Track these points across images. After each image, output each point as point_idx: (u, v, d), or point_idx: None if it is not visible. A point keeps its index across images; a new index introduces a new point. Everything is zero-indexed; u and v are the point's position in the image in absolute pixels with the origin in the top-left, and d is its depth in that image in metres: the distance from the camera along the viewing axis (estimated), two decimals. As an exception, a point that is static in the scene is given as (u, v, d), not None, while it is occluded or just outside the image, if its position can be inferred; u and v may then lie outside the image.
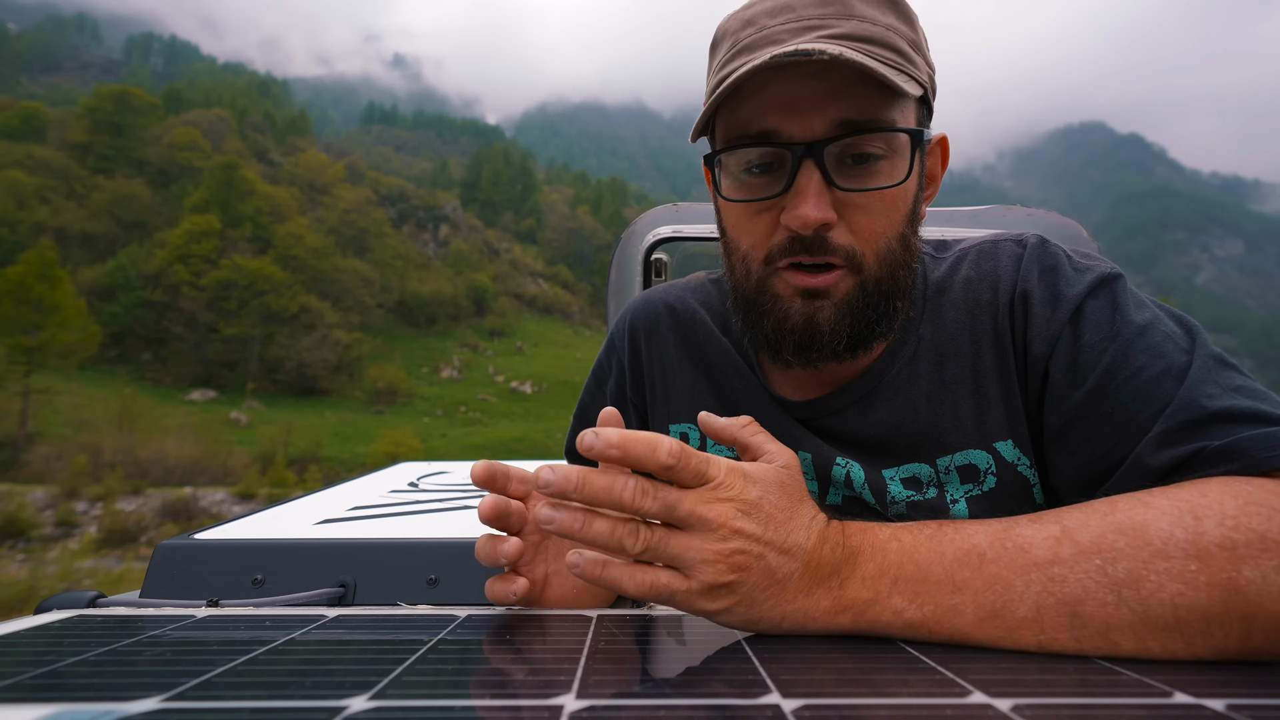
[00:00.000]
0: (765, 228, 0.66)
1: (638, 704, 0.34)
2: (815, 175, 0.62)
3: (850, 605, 0.49)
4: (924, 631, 0.48)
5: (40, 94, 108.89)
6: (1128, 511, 0.49)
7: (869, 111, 0.62)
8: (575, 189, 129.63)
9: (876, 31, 0.63)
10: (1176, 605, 0.45)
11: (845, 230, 0.64)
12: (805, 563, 0.49)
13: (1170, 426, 0.57)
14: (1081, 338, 0.64)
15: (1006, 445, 0.69)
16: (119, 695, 0.35)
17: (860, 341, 0.68)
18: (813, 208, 0.62)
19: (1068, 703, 0.34)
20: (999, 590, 0.47)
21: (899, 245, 0.67)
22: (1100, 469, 0.62)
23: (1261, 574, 0.45)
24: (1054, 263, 0.69)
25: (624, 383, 0.91)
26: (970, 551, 0.49)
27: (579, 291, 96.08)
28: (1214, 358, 0.61)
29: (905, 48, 0.64)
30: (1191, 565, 0.45)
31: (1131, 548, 0.46)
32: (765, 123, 0.64)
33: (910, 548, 0.50)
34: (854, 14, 0.63)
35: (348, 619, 0.55)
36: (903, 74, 0.63)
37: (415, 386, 60.88)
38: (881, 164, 0.64)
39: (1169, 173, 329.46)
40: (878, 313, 0.67)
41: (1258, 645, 0.44)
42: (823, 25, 0.63)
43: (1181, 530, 0.46)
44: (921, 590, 0.48)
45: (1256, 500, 0.48)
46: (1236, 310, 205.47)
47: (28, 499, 24.29)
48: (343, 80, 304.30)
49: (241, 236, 63.05)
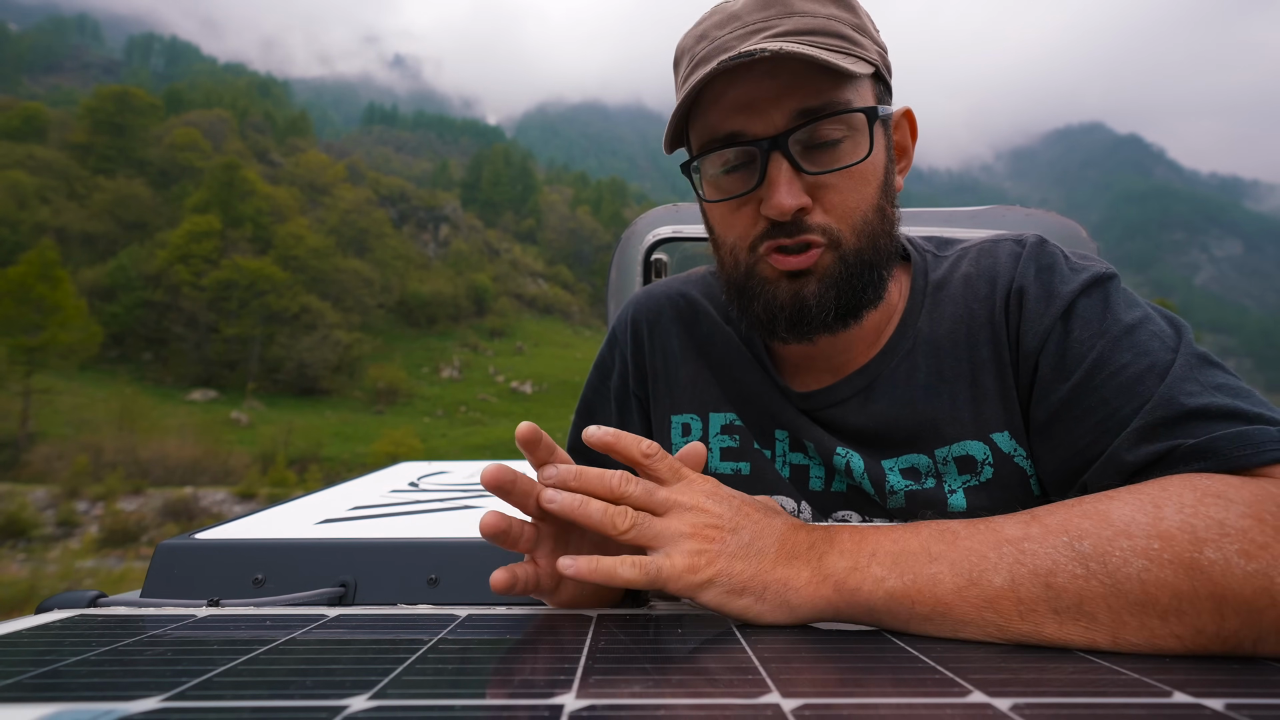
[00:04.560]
0: (747, 220, 0.70)
1: (638, 704, 0.34)
2: (784, 165, 0.66)
3: (830, 574, 0.51)
4: (906, 603, 0.49)
5: (41, 94, 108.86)
6: (1092, 502, 0.52)
7: (823, 97, 0.66)
8: (575, 189, 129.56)
9: (818, 23, 0.67)
10: (1144, 580, 0.46)
11: (820, 211, 0.68)
12: (779, 540, 0.53)
13: (1148, 423, 0.59)
14: (1071, 334, 0.66)
15: (1003, 437, 0.70)
16: (119, 695, 0.35)
17: (849, 311, 0.71)
18: (786, 195, 0.65)
19: (1067, 702, 0.34)
20: (974, 560, 0.49)
21: (875, 216, 0.70)
22: (1080, 462, 0.64)
23: (1224, 556, 0.46)
24: (1051, 261, 0.71)
25: (627, 376, 0.91)
26: (944, 530, 0.53)
27: (579, 291, 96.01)
28: (1198, 356, 0.62)
29: (849, 32, 0.68)
30: (1154, 544, 0.47)
31: (1095, 528, 0.49)
32: (730, 125, 0.68)
33: (885, 530, 0.54)
34: (794, 11, 0.67)
35: (348, 619, 0.55)
36: (849, 56, 0.67)
37: (415, 386, 60.84)
38: (844, 144, 0.67)
39: (1168, 173, 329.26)
40: (862, 281, 0.70)
41: (1235, 630, 0.45)
42: (766, 27, 0.67)
43: (1142, 515, 0.49)
44: (900, 560, 0.51)
45: (1215, 492, 0.50)
46: (1235, 310, 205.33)
47: (28, 499, 24.26)
48: (343, 81, 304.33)
49: (242, 237, 63.01)
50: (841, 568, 0.51)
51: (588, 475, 0.54)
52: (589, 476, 0.54)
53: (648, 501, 0.54)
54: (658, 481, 0.56)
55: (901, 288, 0.78)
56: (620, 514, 0.52)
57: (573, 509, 0.53)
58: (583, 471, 0.55)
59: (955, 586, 0.49)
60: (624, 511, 0.53)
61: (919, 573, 0.50)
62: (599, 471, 0.55)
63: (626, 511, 0.53)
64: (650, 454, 0.56)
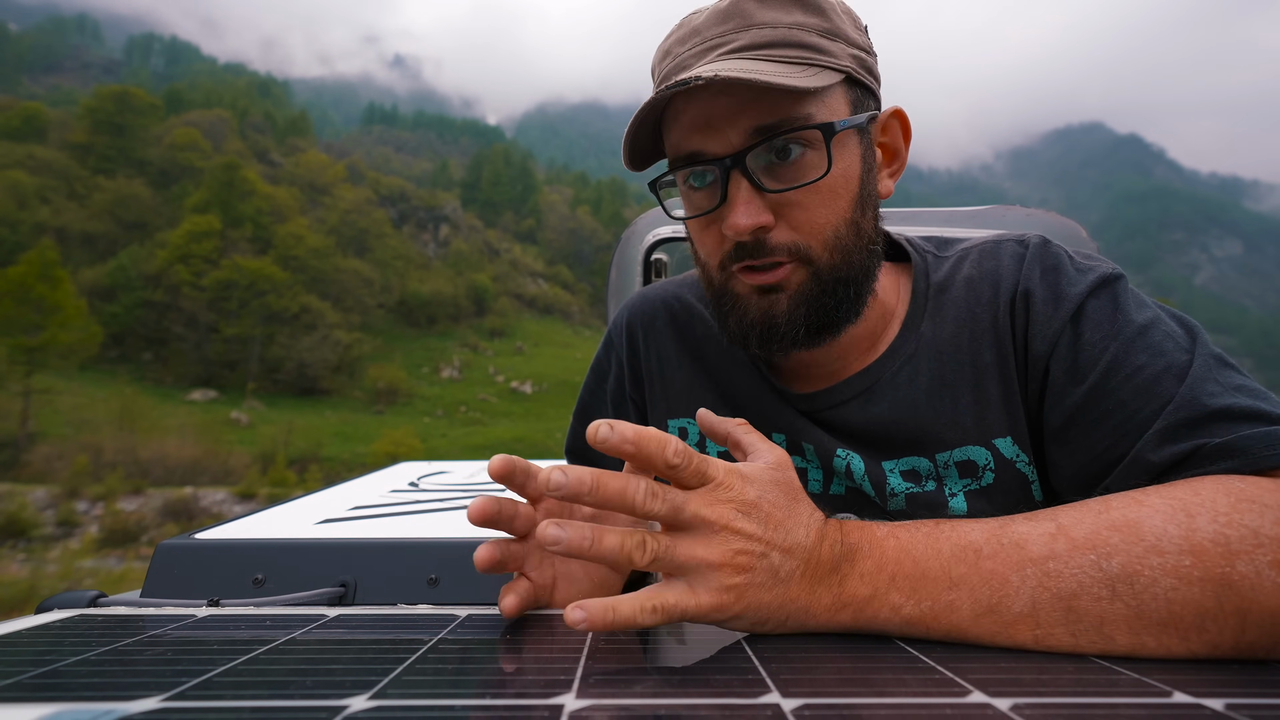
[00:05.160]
0: (715, 238, 0.69)
1: (638, 704, 0.34)
2: (743, 184, 0.65)
3: (850, 602, 0.49)
4: (921, 628, 0.49)
5: (41, 94, 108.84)
6: (1122, 509, 0.49)
7: (778, 114, 0.64)
8: (575, 189, 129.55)
9: (778, 34, 0.65)
10: (1170, 600, 0.45)
11: (786, 228, 0.66)
12: (806, 560, 0.49)
13: (1171, 424, 0.58)
14: (1082, 336, 0.65)
15: (1005, 442, 0.69)
16: (119, 695, 0.35)
17: (822, 329, 0.69)
18: (742, 216, 0.64)
19: (1067, 702, 0.34)
20: (995, 586, 0.48)
21: (848, 230, 0.68)
22: (1100, 466, 0.62)
23: (1255, 569, 0.45)
24: (1056, 263, 0.70)
25: (623, 379, 0.91)
26: (967, 548, 0.50)
27: (579, 291, 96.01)
28: (1215, 357, 0.61)
29: (814, 40, 0.66)
30: (1185, 560, 0.46)
31: (1126, 543, 0.47)
32: (690, 144, 0.67)
33: (907, 544, 0.51)
34: (754, 23, 0.65)
35: (348, 619, 0.55)
36: (809, 68, 0.64)
37: (415, 386, 60.84)
38: (808, 158, 0.65)
39: (1168, 173, 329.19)
40: (835, 299, 0.68)
41: (1252, 640, 0.45)
42: (723, 42, 0.65)
43: (1175, 527, 0.47)
44: (919, 586, 0.49)
45: (1249, 497, 0.48)
46: (1235, 310, 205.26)
47: (29, 499, 24.27)
48: (343, 81, 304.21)
49: (242, 237, 63.03)
50: (861, 595, 0.49)
51: (608, 487, 0.46)
52: (609, 489, 0.46)
53: (674, 519, 0.47)
54: (682, 486, 0.48)
55: (901, 290, 0.77)
56: (639, 547, 0.46)
57: (584, 549, 0.45)
58: (600, 480, 0.46)
59: (973, 615, 0.48)
60: (642, 544, 0.46)
61: (937, 599, 0.48)
62: (620, 481, 0.46)
63: (645, 543, 0.46)
64: (676, 464, 0.47)
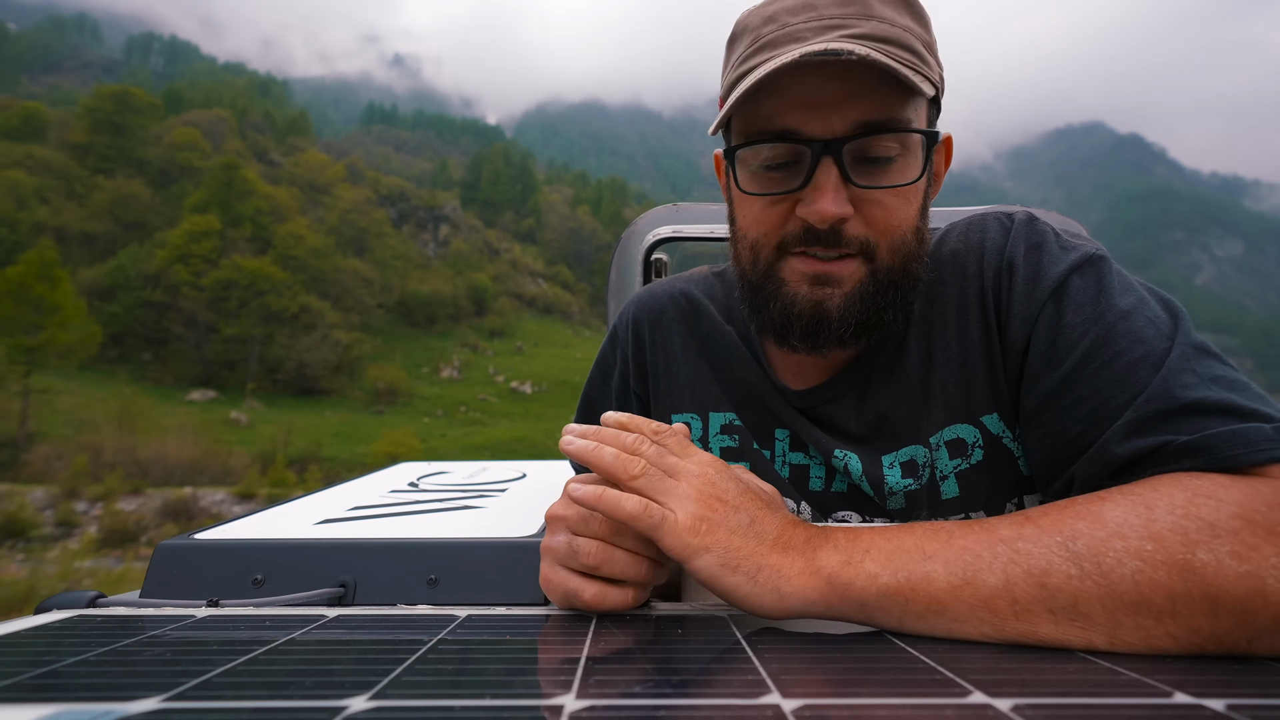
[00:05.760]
0: (778, 218, 0.68)
1: (638, 704, 0.34)
2: (834, 172, 0.64)
3: (823, 567, 0.51)
4: (900, 599, 0.49)
5: (40, 94, 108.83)
6: (1085, 503, 0.51)
7: (886, 111, 0.64)
8: (575, 189, 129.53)
9: (895, 32, 0.64)
10: (1138, 581, 0.46)
11: (860, 222, 0.66)
12: (778, 529, 0.53)
13: (1140, 415, 0.57)
14: (1063, 318, 0.64)
15: (992, 419, 0.70)
16: (119, 695, 0.35)
17: (867, 329, 0.69)
18: (830, 203, 0.64)
19: (1067, 702, 0.34)
20: (968, 560, 0.49)
21: (913, 237, 0.69)
22: (1069, 452, 0.62)
23: (1215, 557, 0.46)
24: (1040, 240, 0.69)
25: (628, 374, 0.92)
26: (938, 529, 0.52)
27: (579, 291, 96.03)
28: (1195, 346, 0.60)
29: (920, 48, 0.65)
30: (1148, 545, 0.47)
31: (1089, 529, 0.49)
32: (786, 120, 0.65)
33: (880, 529, 0.54)
34: (873, 14, 0.64)
35: (348, 619, 0.55)
36: (919, 74, 0.64)
37: (415, 386, 60.84)
38: (896, 162, 0.66)
39: (1169, 173, 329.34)
40: (886, 301, 0.68)
41: (1229, 630, 0.45)
42: (844, 24, 0.64)
43: (1135, 517, 0.49)
44: (894, 557, 0.50)
45: (1205, 492, 0.49)
46: (1236, 310, 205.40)
47: (28, 499, 24.27)
48: (343, 80, 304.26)
49: (241, 236, 62.98)
50: (835, 562, 0.51)
51: (605, 433, 0.58)
52: (606, 434, 0.57)
53: (659, 462, 0.55)
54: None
55: None
56: (632, 461, 0.54)
57: (586, 452, 0.55)
58: (600, 430, 0.58)
59: (950, 585, 0.48)
60: (636, 460, 0.54)
61: (913, 570, 0.49)
62: (615, 431, 0.58)
63: (639, 460, 0.54)
64: (662, 431, 0.58)
